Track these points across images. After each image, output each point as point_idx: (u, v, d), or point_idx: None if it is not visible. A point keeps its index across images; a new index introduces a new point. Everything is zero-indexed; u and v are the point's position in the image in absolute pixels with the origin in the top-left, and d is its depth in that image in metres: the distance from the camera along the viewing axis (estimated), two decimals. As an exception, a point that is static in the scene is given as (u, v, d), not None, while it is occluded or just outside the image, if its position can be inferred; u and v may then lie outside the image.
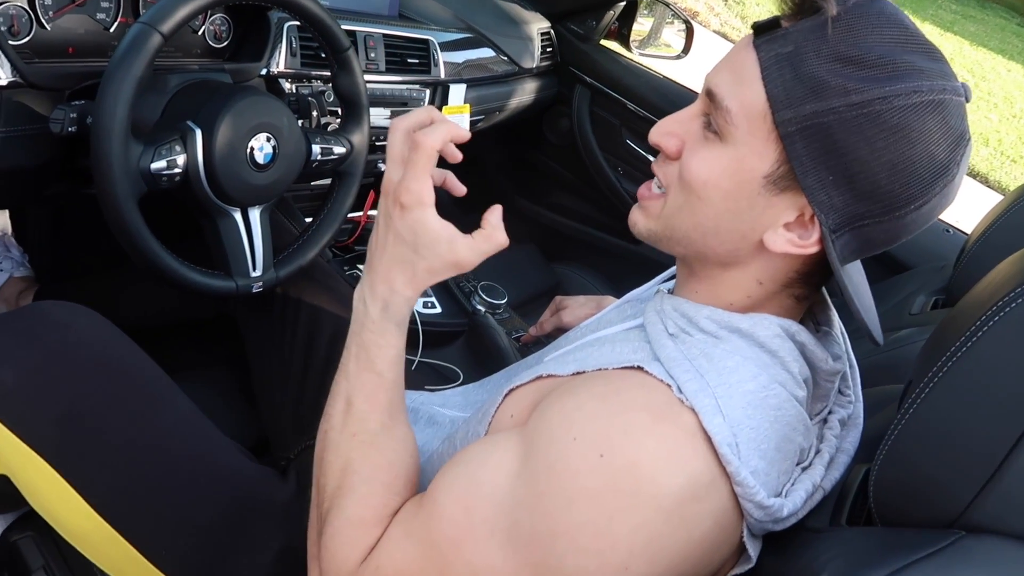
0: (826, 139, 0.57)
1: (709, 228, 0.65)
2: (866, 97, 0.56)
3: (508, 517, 0.58)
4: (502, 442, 0.63)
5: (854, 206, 0.59)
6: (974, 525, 0.53)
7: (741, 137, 0.61)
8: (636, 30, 1.94)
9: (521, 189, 2.11)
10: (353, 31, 1.32)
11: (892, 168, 0.57)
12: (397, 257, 0.67)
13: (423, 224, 0.65)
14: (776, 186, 0.61)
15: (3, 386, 0.78)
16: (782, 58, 0.59)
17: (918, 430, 0.55)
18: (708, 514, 0.58)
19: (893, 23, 0.58)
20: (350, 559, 0.64)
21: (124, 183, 0.87)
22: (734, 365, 0.62)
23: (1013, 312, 0.52)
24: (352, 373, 0.69)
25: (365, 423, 0.68)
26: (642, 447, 0.57)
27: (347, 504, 0.66)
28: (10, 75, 0.90)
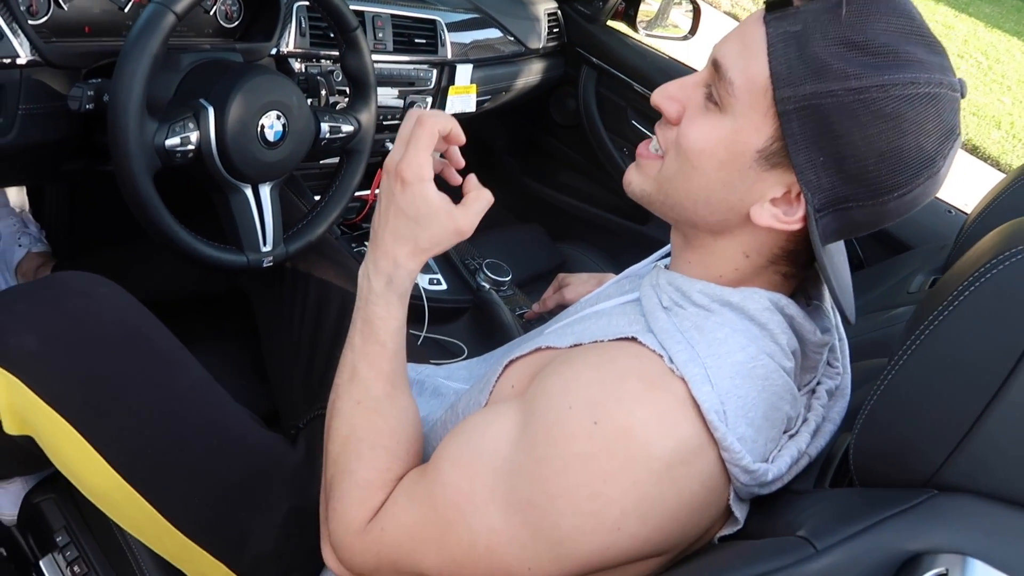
0: (822, 120, 0.59)
1: (700, 196, 0.67)
2: (865, 83, 0.58)
3: (507, 482, 0.61)
4: (502, 411, 0.66)
5: (840, 188, 0.61)
6: (946, 484, 0.56)
7: (740, 109, 0.62)
8: (643, 11, 1.95)
9: (527, 169, 2.13)
10: (361, 11, 1.34)
11: (881, 155, 0.59)
12: (399, 231, 0.70)
13: (424, 197, 0.69)
14: (768, 161, 0.63)
15: (28, 351, 0.82)
16: (789, 36, 0.60)
17: (895, 396, 0.58)
18: (696, 476, 0.61)
19: (901, 13, 0.60)
20: (356, 520, 0.67)
21: (140, 159, 0.90)
22: (723, 336, 0.64)
23: (983, 286, 0.54)
24: (357, 345, 0.72)
25: (369, 391, 0.71)
26: (634, 414, 0.60)
27: (353, 468, 0.69)
28: (29, 54, 0.93)
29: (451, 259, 1.59)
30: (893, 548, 0.53)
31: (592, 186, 2.02)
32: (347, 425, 0.71)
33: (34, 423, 0.83)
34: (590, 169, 2.00)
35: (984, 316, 0.54)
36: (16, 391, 0.81)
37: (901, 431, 0.58)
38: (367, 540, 0.67)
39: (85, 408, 0.82)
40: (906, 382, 0.58)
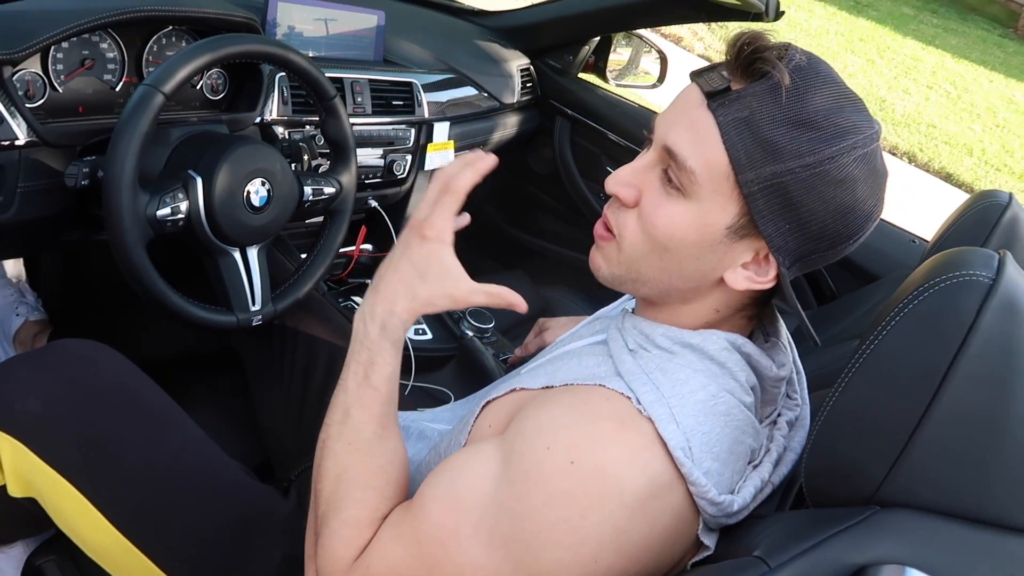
0: (784, 195, 0.65)
1: (674, 271, 0.71)
2: (818, 158, 0.64)
3: (490, 518, 0.65)
4: (482, 451, 0.70)
5: (805, 246, 0.68)
6: (888, 500, 0.61)
7: (705, 194, 0.67)
8: (615, 60, 2.04)
9: (509, 218, 2.20)
10: (340, 77, 1.41)
11: (837, 213, 0.66)
12: (404, 282, 0.74)
13: (438, 256, 0.74)
14: (737, 234, 0.68)
15: (32, 416, 0.86)
16: (740, 122, 0.64)
17: (838, 418, 0.63)
18: (667, 510, 0.66)
19: (828, 81, 0.66)
20: (344, 557, 0.70)
21: (133, 230, 0.95)
22: (686, 377, 0.69)
23: (909, 313, 0.60)
24: (350, 387, 0.75)
25: (360, 432, 0.74)
26: (607, 453, 0.64)
27: (342, 506, 0.72)
28: (27, 135, 0.99)
29: (435, 309, 1.63)
30: (840, 562, 0.57)
31: (571, 231, 2.08)
32: (338, 465, 0.74)
33: (37, 485, 0.87)
34: (568, 214, 2.07)
35: (911, 341, 0.60)
36: (21, 455, 0.85)
37: (845, 452, 0.63)
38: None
39: (86, 468, 0.86)
40: (847, 405, 0.63)
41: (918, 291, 0.60)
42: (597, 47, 1.98)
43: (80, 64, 1.09)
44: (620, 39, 2.00)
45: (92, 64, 1.10)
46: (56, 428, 0.87)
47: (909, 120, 6.27)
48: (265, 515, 0.93)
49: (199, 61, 0.99)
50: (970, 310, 0.57)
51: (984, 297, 0.57)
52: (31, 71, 1.03)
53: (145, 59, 1.16)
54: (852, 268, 1.62)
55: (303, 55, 1.11)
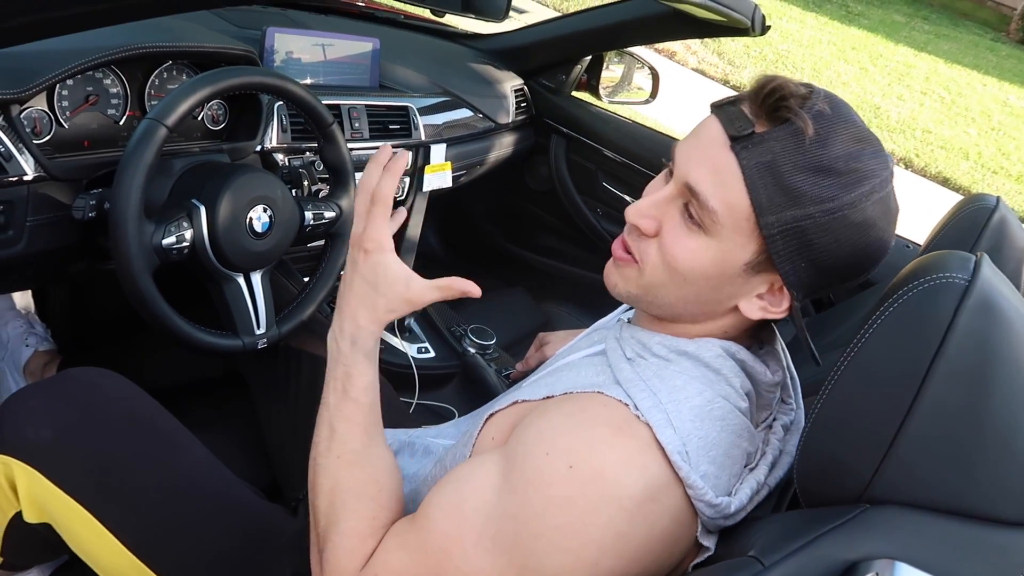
0: (803, 238, 0.67)
1: (690, 300, 0.74)
2: (838, 204, 0.66)
3: (493, 526, 0.67)
4: (485, 461, 0.72)
5: (818, 281, 0.70)
6: (877, 498, 0.63)
7: (726, 234, 0.69)
8: (607, 77, 2.07)
9: (508, 236, 2.23)
10: (338, 104, 1.45)
11: (852, 252, 0.69)
12: (361, 296, 0.77)
13: (384, 266, 0.77)
14: (754, 270, 0.71)
15: (44, 443, 0.88)
16: (763, 167, 0.66)
17: (826, 420, 0.65)
18: (665, 513, 0.67)
19: (849, 125, 0.68)
20: (348, 569, 0.72)
21: (140, 259, 0.98)
22: (682, 384, 0.71)
23: (890, 315, 0.62)
24: (332, 403, 0.78)
25: (347, 444, 0.76)
26: (605, 458, 0.66)
27: (341, 519, 0.74)
28: (35, 170, 1.02)
29: (437, 327, 1.66)
30: (832, 559, 0.59)
31: (570, 246, 2.11)
32: (330, 479, 0.76)
33: (51, 510, 0.89)
34: (566, 230, 2.09)
35: (892, 343, 0.62)
36: (35, 481, 0.88)
37: (834, 452, 0.65)
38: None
39: (98, 492, 0.88)
40: (834, 407, 0.65)
41: (898, 295, 0.63)
42: (589, 65, 2.02)
43: (85, 100, 1.12)
44: (612, 57, 2.04)
45: (96, 100, 1.14)
46: (68, 454, 0.89)
47: (904, 126, 6.31)
48: (274, 534, 0.95)
49: (200, 94, 1.02)
50: (947, 311, 0.59)
51: (960, 298, 0.60)
52: (38, 108, 1.07)
53: (147, 93, 1.19)
54: (848, 275, 1.64)
55: (300, 84, 1.14)
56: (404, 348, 1.55)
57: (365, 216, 0.77)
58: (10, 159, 0.99)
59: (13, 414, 0.92)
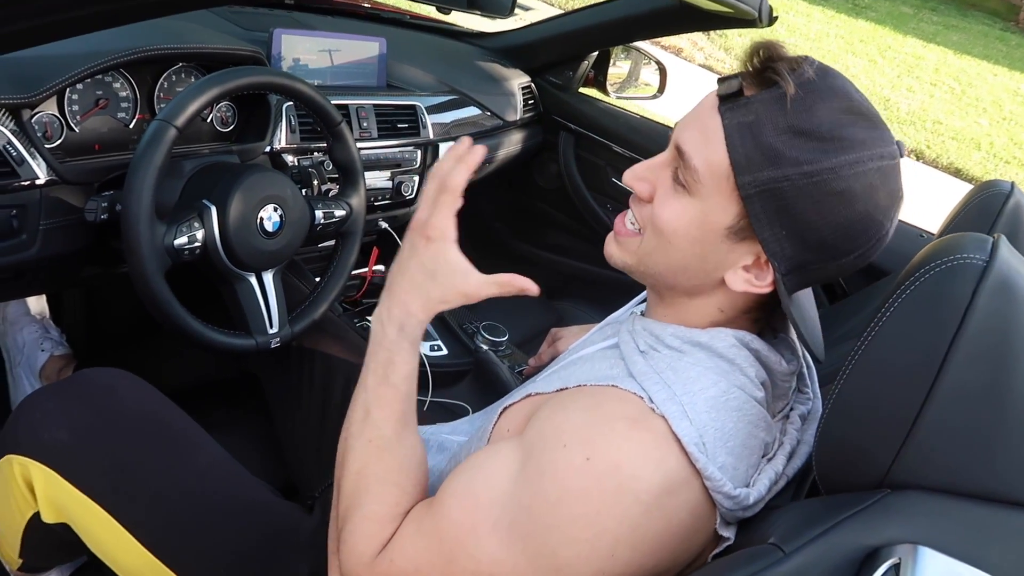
0: (780, 201, 0.67)
1: (678, 267, 0.74)
2: (816, 168, 0.65)
3: (508, 515, 0.67)
4: (501, 450, 0.72)
5: (802, 255, 0.69)
6: (897, 483, 0.62)
7: (706, 193, 0.70)
8: (615, 73, 2.07)
9: (518, 233, 2.23)
10: (346, 104, 1.45)
11: (835, 227, 0.67)
12: (416, 283, 0.76)
13: (445, 255, 0.75)
14: (736, 236, 0.70)
15: (61, 444, 0.89)
16: (744, 127, 0.67)
17: (844, 405, 0.64)
18: (683, 506, 0.67)
19: (840, 95, 0.67)
20: (366, 552, 0.72)
21: (152, 260, 0.98)
22: (696, 375, 0.71)
23: (905, 299, 0.62)
24: (370, 386, 0.77)
25: (381, 430, 0.75)
26: (622, 450, 0.66)
27: (364, 502, 0.74)
28: (47, 174, 1.02)
29: (449, 324, 1.66)
30: (853, 545, 0.59)
31: (580, 243, 2.10)
32: (359, 461, 0.75)
33: (69, 510, 0.89)
34: (576, 227, 2.09)
35: (909, 326, 0.61)
36: (52, 482, 0.88)
37: (853, 438, 0.64)
38: (376, 571, 0.72)
39: (114, 492, 0.88)
40: (852, 392, 0.64)
41: (914, 277, 0.62)
42: (596, 61, 2.01)
43: (95, 104, 1.13)
44: (619, 52, 2.04)
45: (106, 103, 1.14)
46: (84, 454, 0.89)
47: (914, 118, 6.27)
48: (291, 531, 0.95)
49: (208, 94, 1.02)
50: (965, 292, 0.59)
51: (979, 279, 0.59)
52: (48, 113, 1.07)
53: (157, 96, 1.20)
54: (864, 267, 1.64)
55: (308, 84, 1.14)
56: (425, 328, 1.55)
57: (432, 203, 0.75)
58: (22, 163, 0.99)
59: (29, 415, 0.92)
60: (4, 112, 0.98)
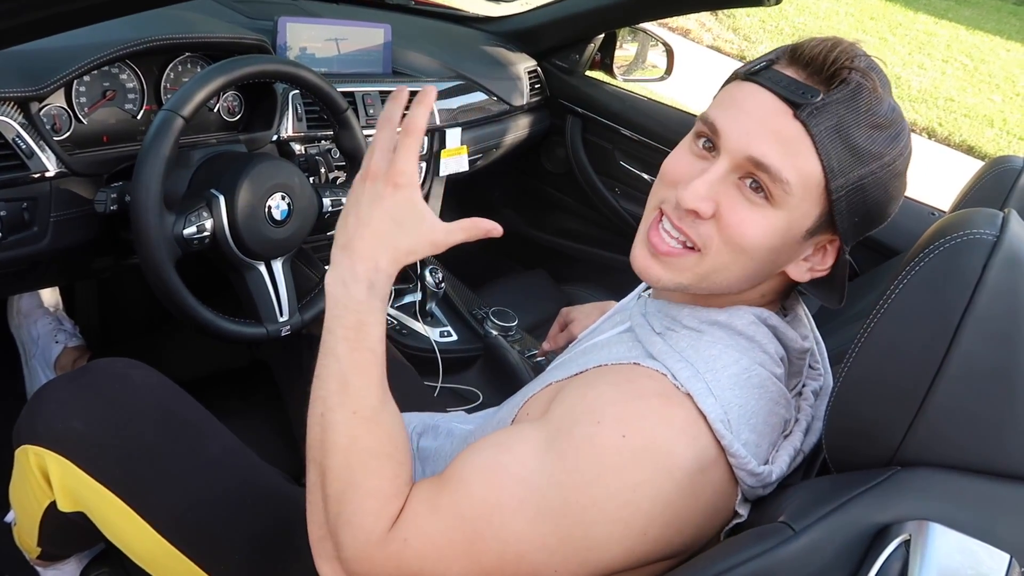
0: (865, 196, 0.69)
1: (745, 277, 0.72)
2: (892, 156, 0.69)
3: (537, 493, 0.65)
4: (526, 429, 0.71)
5: (862, 232, 0.72)
6: (908, 460, 0.62)
7: (794, 203, 0.68)
8: (621, 56, 2.06)
9: (527, 218, 2.22)
10: (352, 91, 1.45)
11: (891, 200, 0.71)
12: (381, 235, 0.69)
13: (413, 202, 0.69)
14: (811, 234, 0.71)
15: (75, 434, 0.90)
16: (832, 131, 0.66)
17: (854, 383, 0.64)
18: (711, 484, 0.67)
19: (880, 73, 0.69)
20: (375, 531, 0.67)
21: (162, 249, 0.99)
22: (717, 353, 0.71)
23: (913, 277, 0.61)
24: (343, 354, 0.69)
25: (366, 399, 0.70)
26: (656, 428, 0.66)
27: (360, 479, 0.68)
28: (56, 167, 1.03)
29: (459, 311, 1.66)
30: (863, 522, 0.59)
31: (588, 227, 2.10)
32: (345, 436, 0.69)
33: (85, 499, 0.90)
34: (585, 211, 2.08)
35: (919, 302, 0.61)
36: (68, 471, 0.89)
37: (863, 415, 0.64)
38: (389, 551, 0.67)
39: (129, 480, 0.89)
40: (862, 370, 0.64)
41: (923, 254, 0.61)
42: (602, 44, 2.00)
43: (102, 96, 1.13)
44: (625, 35, 2.02)
45: (114, 95, 1.15)
46: (98, 443, 0.90)
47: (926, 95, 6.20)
48: (302, 516, 0.95)
49: (214, 84, 1.02)
50: (975, 268, 0.58)
51: (989, 254, 0.58)
52: (56, 105, 1.08)
53: (163, 86, 1.20)
54: (873, 245, 1.63)
55: (313, 71, 1.14)
56: (427, 332, 1.56)
57: (387, 150, 0.70)
58: (31, 156, 1.00)
59: (44, 406, 0.93)
60: (12, 105, 0.99)
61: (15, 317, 1.53)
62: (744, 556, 0.60)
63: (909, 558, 0.55)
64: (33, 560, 1.10)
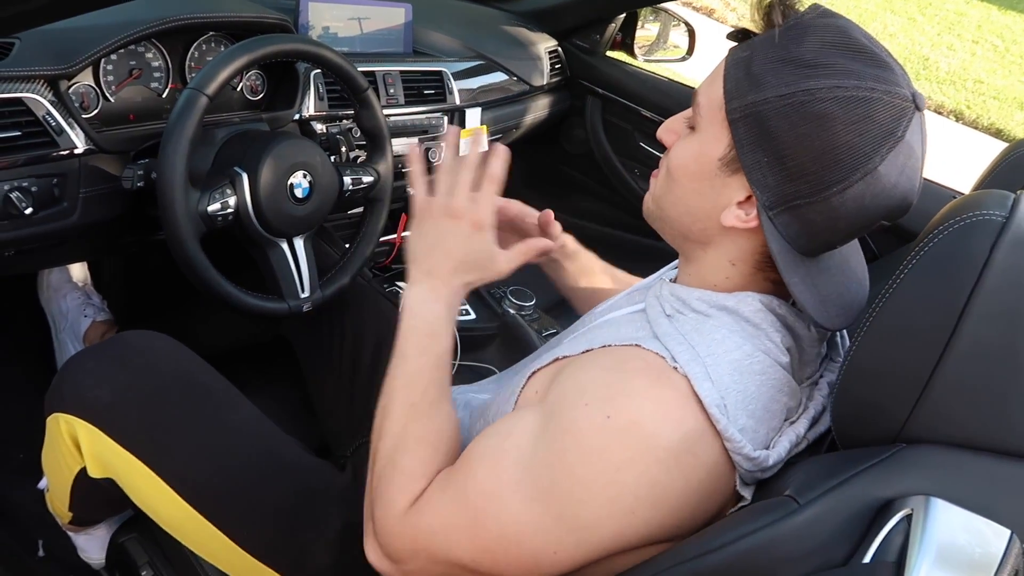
0: (760, 124, 0.68)
1: (682, 207, 0.77)
2: (793, 89, 0.66)
3: (530, 474, 0.69)
4: (526, 415, 0.74)
5: (785, 186, 0.69)
6: (913, 437, 0.63)
7: (704, 126, 0.73)
8: (642, 36, 2.05)
9: (546, 199, 2.22)
10: (372, 71, 1.46)
11: (815, 153, 0.66)
12: (462, 267, 0.83)
13: (488, 245, 0.84)
14: (728, 168, 0.72)
15: (103, 403, 0.93)
16: (740, 60, 0.71)
17: (862, 360, 0.65)
18: (702, 465, 0.68)
19: (836, 31, 0.68)
20: (398, 504, 0.75)
21: (187, 225, 1.01)
22: (721, 337, 0.72)
23: (922, 258, 0.62)
24: (411, 357, 0.81)
25: (424, 395, 0.80)
26: (642, 408, 0.68)
27: (400, 458, 0.77)
28: (85, 144, 1.06)
29: (477, 289, 1.68)
30: (867, 497, 0.60)
31: (608, 208, 2.10)
32: (398, 424, 0.79)
33: (114, 465, 0.94)
34: (604, 192, 2.09)
35: (927, 282, 0.62)
36: (97, 439, 0.92)
37: (869, 393, 0.65)
38: (405, 524, 0.74)
39: (154, 448, 0.93)
40: (869, 348, 0.65)
41: (933, 234, 0.62)
42: (623, 24, 2.00)
43: (128, 74, 1.16)
44: (646, 14, 2.01)
45: (140, 73, 1.17)
46: (125, 412, 0.93)
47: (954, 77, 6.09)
48: (324, 486, 0.98)
49: (238, 62, 1.04)
50: (983, 248, 0.59)
51: (997, 235, 0.59)
52: (85, 84, 1.10)
53: (187, 65, 1.22)
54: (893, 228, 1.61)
55: (335, 51, 1.15)
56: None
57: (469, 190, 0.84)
58: (61, 133, 1.03)
59: (72, 376, 0.97)
60: (43, 83, 1.01)
61: (45, 291, 1.58)
62: (748, 528, 0.61)
63: (910, 532, 0.56)
64: (65, 525, 1.14)
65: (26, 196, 1.00)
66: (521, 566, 0.70)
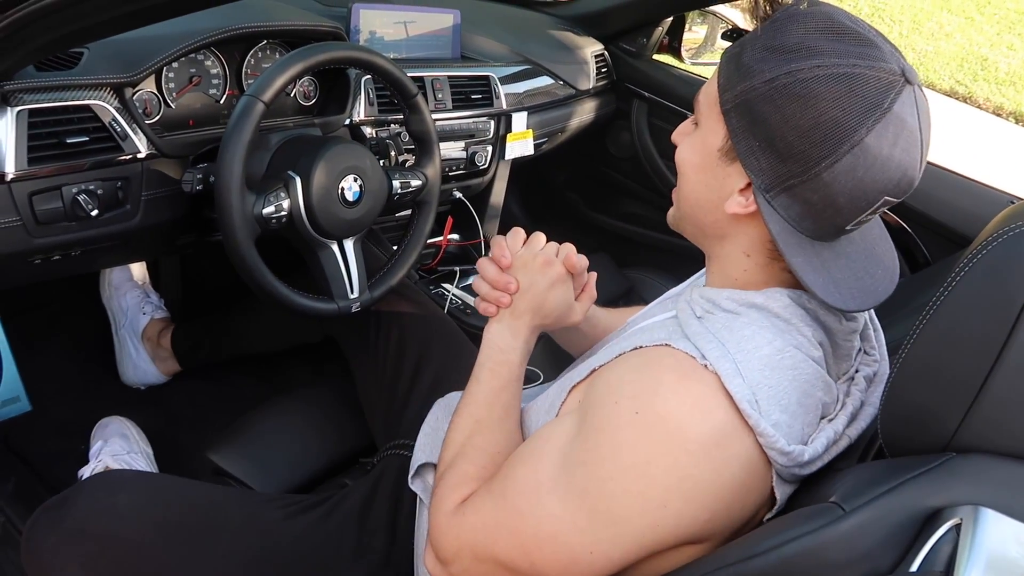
0: (750, 111, 0.70)
1: (693, 201, 0.79)
2: (776, 73, 0.69)
3: (565, 472, 0.71)
4: (564, 420, 0.77)
5: (778, 167, 0.70)
6: (963, 447, 0.62)
7: (704, 121, 0.76)
8: (690, 39, 2.04)
9: (590, 202, 2.23)
10: (421, 76, 1.49)
11: (801, 131, 0.68)
12: (545, 314, 0.91)
13: (569, 294, 0.93)
14: (727, 157, 0.73)
15: None
16: (731, 56, 0.74)
17: (911, 369, 0.65)
18: (734, 459, 0.69)
19: (820, 18, 0.70)
20: (449, 503, 0.79)
21: (243, 228, 1.05)
22: (751, 334, 0.72)
23: (978, 264, 0.61)
24: (485, 380, 0.88)
25: (491, 412, 0.87)
26: (668, 403, 0.69)
27: (458, 463, 0.83)
28: (147, 148, 1.10)
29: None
30: (915, 506, 0.59)
31: (652, 212, 2.09)
32: (463, 435, 0.86)
33: None
34: (649, 196, 2.08)
35: (980, 290, 0.61)
36: None
37: (919, 400, 0.64)
38: (452, 522, 0.77)
39: None
40: (921, 354, 0.64)
41: (988, 240, 0.61)
42: (670, 27, 1.99)
43: (188, 81, 1.20)
44: (694, 17, 2.00)
45: (199, 81, 1.21)
46: None
47: (1015, 78, 5.89)
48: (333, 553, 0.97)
49: (293, 70, 1.07)
50: (1036, 258, 0.58)
51: (1054, 243, 0.58)
52: (148, 91, 1.15)
53: (244, 72, 1.26)
54: (946, 232, 1.59)
55: (385, 57, 1.18)
56: (490, 313, 1.59)
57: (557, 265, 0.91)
58: (125, 138, 1.07)
59: (37, 558, 0.92)
60: (109, 91, 1.06)
61: (106, 289, 1.64)
62: (793, 534, 0.61)
63: (959, 542, 0.56)
64: None
65: (92, 199, 1.04)
66: (558, 564, 0.71)
